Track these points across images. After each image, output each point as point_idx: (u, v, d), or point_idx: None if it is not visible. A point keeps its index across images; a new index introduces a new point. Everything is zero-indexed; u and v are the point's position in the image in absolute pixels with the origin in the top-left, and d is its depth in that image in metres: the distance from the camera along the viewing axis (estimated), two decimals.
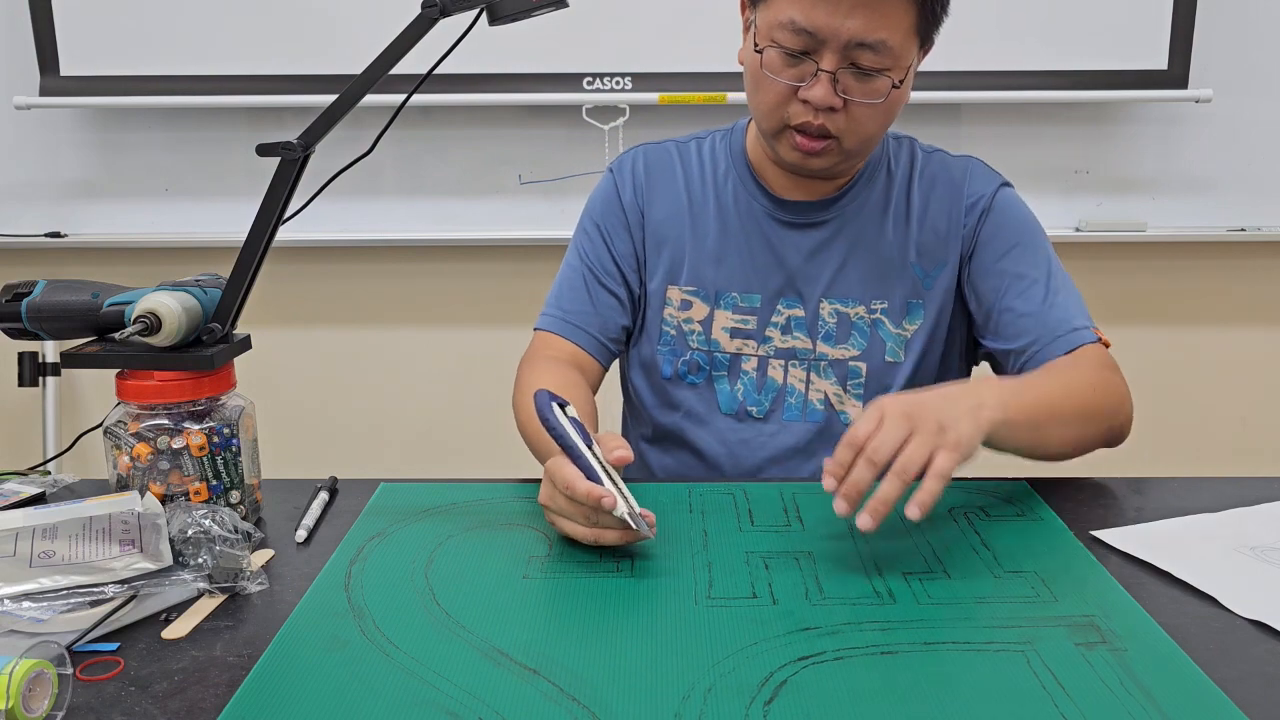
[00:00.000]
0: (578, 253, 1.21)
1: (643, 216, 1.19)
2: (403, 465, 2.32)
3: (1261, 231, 2.14)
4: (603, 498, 0.80)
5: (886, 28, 0.98)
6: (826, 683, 0.66)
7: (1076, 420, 0.98)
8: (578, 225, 1.24)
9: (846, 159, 1.07)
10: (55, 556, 0.77)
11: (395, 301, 2.26)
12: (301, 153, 0.86)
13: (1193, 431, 2.31)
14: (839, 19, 0.97)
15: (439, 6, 0.85)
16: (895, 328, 1.14)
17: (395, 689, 0.65)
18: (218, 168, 2.14)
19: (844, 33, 0.98)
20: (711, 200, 1.17)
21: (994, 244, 1.13)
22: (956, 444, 0.81)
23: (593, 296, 1.18)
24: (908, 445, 0.80)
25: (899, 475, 0.79)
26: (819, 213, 1.14)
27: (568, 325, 1.17)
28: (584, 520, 0.83)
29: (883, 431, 0.81)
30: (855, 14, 0.97)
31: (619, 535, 0.83)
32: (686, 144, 1.22)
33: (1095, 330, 1.08)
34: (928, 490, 0.78)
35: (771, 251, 1.15)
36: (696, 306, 1.17)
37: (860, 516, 0.79)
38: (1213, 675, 0.66)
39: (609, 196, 1.21)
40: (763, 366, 1.16)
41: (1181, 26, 2.00)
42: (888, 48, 0.99)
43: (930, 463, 0.79)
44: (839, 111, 1.02)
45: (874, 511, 0.79)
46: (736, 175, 1.17)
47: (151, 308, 0.84)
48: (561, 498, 0.83)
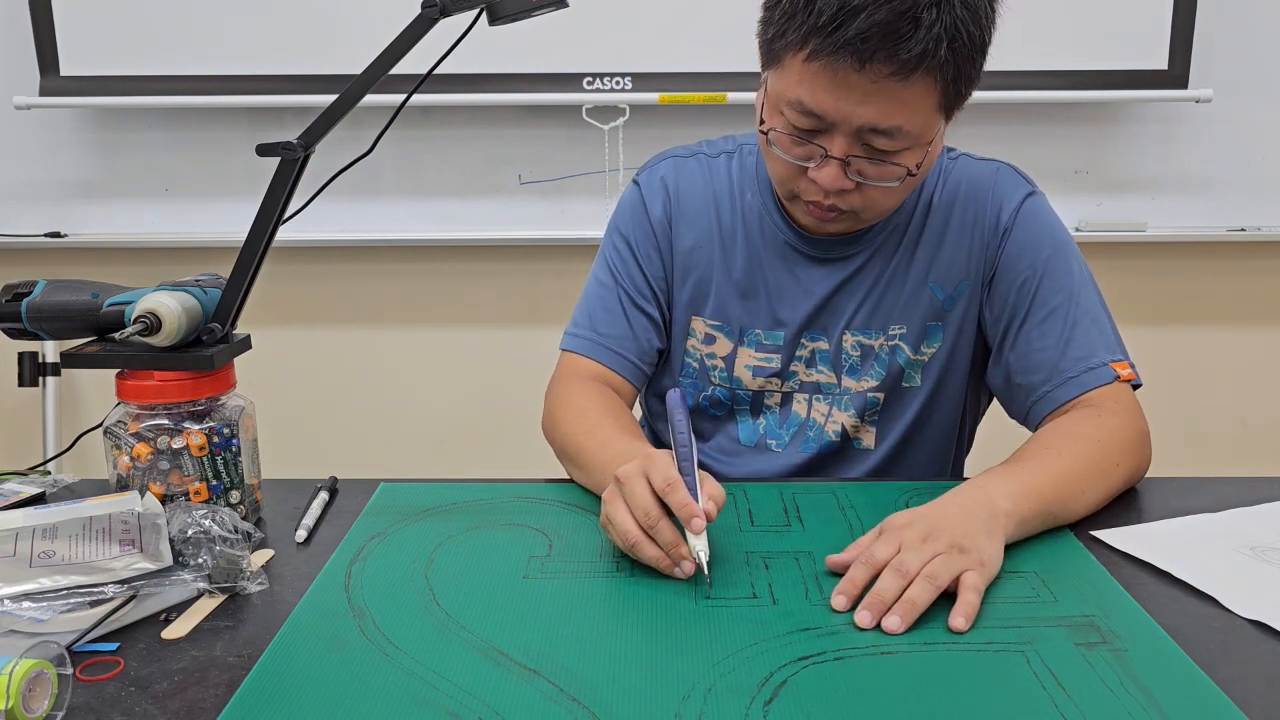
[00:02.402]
0: (609, 270, 1.15)
1: (671, 237, 1.13)
2: (403, 465, 2.32)
3: (1261, 231, 2.14)
4: (695, 516, 0.77)
5: (904, 114, 0.90)
6: (826, 683, 0.66)
7: (1093, 491, 0.92)
8: (605, 240, 1.18)
9: (866, 224, 1.04)
10: (55, 556, 0.77)
11: (395, 301, 2.26)
12: (301, 153, 0.86)
13: (1193, 431, 2.31)
14: (850, 105, 0.89)
15: (439, 6, 0.85)
16: (914, 353, 1.10)
17: (395, 689, 0.65)
18: (218, 168, 2.14)
19: (854, 119, 0.90)
20: (740, 229, 1.11)
21: (1014, 268, 1.06)
22: (981, 563, 0.77)
23: (630, 319, 1.13)
24: (933, 563, 0.75)
25: (930, 581, 0.74)
26: (846, 247, 1.08)
27: (604, 350, 1.12)
28: (644, 521, 0.79)
29: (906, 552, 0.77)
30: (869, 101, 0.89)
31: (657, 556, 0.79)
32: (716, 159, 1.14)
33: (1115, 365, 1.02)
34: (969, 602, 0.73)
35: (799, 286, 1.10)
36: (720, 342, 1.13)
37: (889, 618, 0.72)
38: (1213, 675, 0.66)
39: (637, 211, 1.15)
40: (787, 401, 1.13)
41: (1181, 26, 2.00)
42: (905, 132, 0.91)
43: (961, 581, 0.75)
44: (852, 191, 0.96)
45: (904, 613, 0.72)
46: (762, 203, 1.11)
47: (151, 308, 0.84)
48: (646, 489, 0.80)
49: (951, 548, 0.77)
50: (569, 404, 1.07)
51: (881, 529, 0.81)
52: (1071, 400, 1.02)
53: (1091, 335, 1.04)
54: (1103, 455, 0.94)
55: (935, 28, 0.86)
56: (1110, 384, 1.01)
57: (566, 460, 1.05)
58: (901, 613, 0.72)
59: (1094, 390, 1.01)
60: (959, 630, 0.72)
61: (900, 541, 0.78)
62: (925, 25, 0.86)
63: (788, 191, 1.01)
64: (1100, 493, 0.93)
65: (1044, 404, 1.04)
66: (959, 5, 0.87)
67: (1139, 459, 0.98)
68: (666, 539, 0.79)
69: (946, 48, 0.87)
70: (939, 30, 0.86)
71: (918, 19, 0.86)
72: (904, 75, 0.88)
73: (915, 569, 0.75)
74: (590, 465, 0.97)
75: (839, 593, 0.76)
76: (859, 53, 0.86)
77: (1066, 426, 0.98)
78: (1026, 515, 0.85)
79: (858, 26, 0.85)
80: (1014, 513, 0.84)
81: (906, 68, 0.87)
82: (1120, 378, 1.02)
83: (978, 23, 0.89)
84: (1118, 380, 1.01)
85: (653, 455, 0.82)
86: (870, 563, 0.77)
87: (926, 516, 0.81)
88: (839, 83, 0.89)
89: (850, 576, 0.77)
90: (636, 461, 0.82)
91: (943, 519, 0.80)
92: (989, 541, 0.80)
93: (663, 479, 0.79)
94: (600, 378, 1.11)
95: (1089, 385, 1.01)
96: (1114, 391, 1.01)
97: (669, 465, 0.81)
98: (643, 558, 0.80)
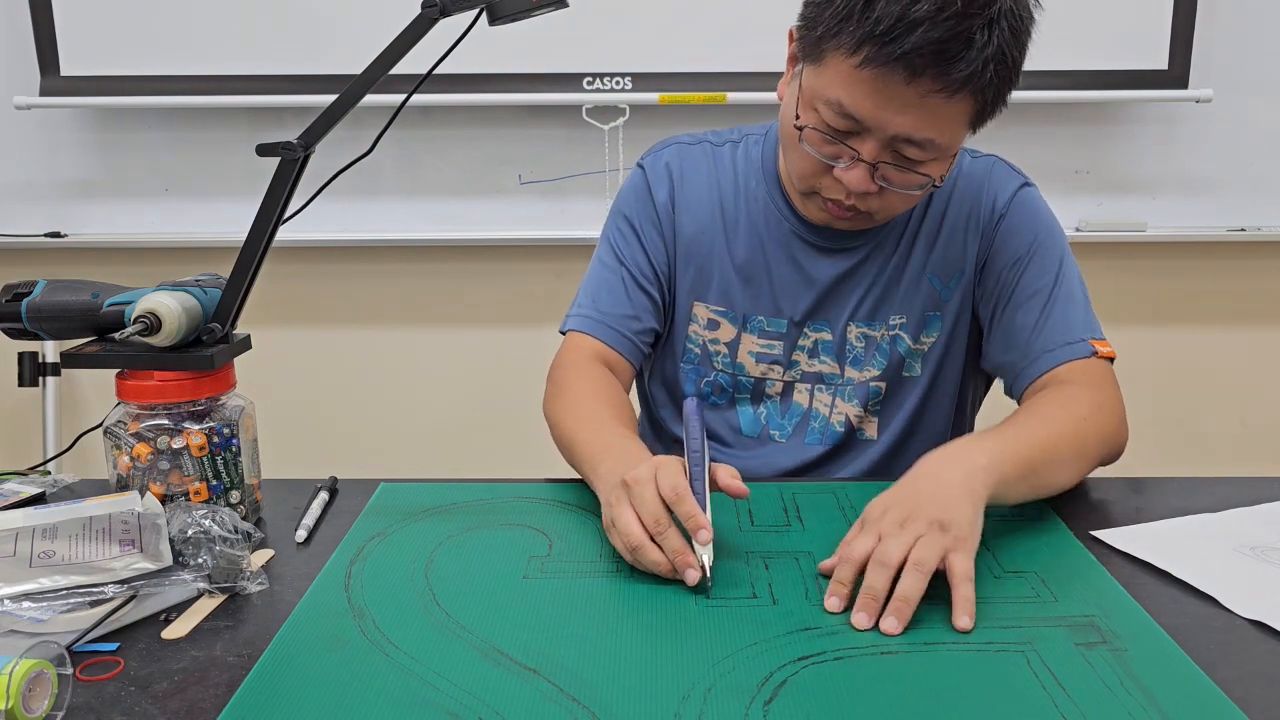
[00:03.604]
0: (613, 251, 1.16)
1: (674, 222, 1.14)
2: (403, 465, 2.32)
3: (1261, 231, 2.14)
4: (702, 529, 0.77)
5: (937, 127, 0.92)
6: (826, 683, 0.66)
7: (1072, 458, 0.93)
8: (609, 222, 1.18)
9: (876, 225, 1.05)
10: (55, 556, 0.77)
11: (395, 301, 2.26)
12: (301, 153, 0.86)
13: (1193, 431, 2.31)
14: (889, 114, 0.90)
15: (439, 6, 0.85)
16: (913, 343, 1.11)
17: (395, 689, 0.65)
18: (218, 168, 2.14)
19: (891, 127, 0.91)
20: (744, 216, 1.12)
21: (1004, 251, 1.08)
22: (963, 538, 0.76)
23: (631, 299, 1.13)
24: (916, 548, 0.75)
25: (918, 569, 0.74)
26: (850, 239, 1.10)
27: (607, 328, 1.12)
28: (652, 528, 0.79)
29: (886, 541, 0.76)
30: (908, 111, 0.90)
31: (660, 562, 0.78)
32: (721, 147, 1.16)
33: (1094, 343, 1.03)
34: (964, 596, 0.73)
35: (802, 275, 1.11)
36: (724, 328, 1.14)
37: (885, 619, 0.72)
38: (1213, 675, 0.66)
39: (641, 194, 1.16)
40: (789, 391, 1.14)
41: (1181, 26, 2.00)
42: (936, 145, 0.93)
43: (948, 567, 0.75)
44: (873, 194, 0.97)
45: (899, 612, 0.72)
46: (767, 191, 1.12)
47: (151, 308, 0.84)
48: (655, 495, 0.79)
49: (931, 525, 0.77)
50: (568, 387, 1.08)
51: (862, 521, 0.81)
52: (1049, 371, 1.03)
53: (1070, 315, 1.05)
54: (1081, 422, 0.95)
55: (986, 50, 0.87)
56: (1087, 359, 1.03)
57: (560, 443, 1.05)
58: (897, 613, 0.72)
59: (1071, 363, 1.02)
60: (964, 629, 0.72)
61: (880, 531, 0.78)
62: (977, 46, 0.87)
63: (808, 187, 1.02)
64: (1079, 464, 0.95)
65: (1023, 378, 1.06)
66: (1007, 29, 0.89)
67: (1115, 428, 0.99)
68: (674, 546, 0.78)
69: (993, 71, 0.89)
70: (989, 53, 0.88)
71: (970, 39, 0.87)
72: (949, 93, 0.89)
73: (898, 558, 0.75)
74: (581, 455, 0.97)
75: (830, 595, 0.76)
76: (912, 67, 0.87)
77: (1043, 401, 0.99)
78: (1008, 473, 0.84)
79: (914, 41, 0.86)
80: (992, 467, 0.83)
81: (953, 86, 0.88)
82: (1099, 353, 1.03)
83: (1019, 45, 0.91)
84: (1095, 356, 1.03)
85: (663, 461, 0.82)
86: (853, 560, 0.77)
87: (901, 498, 0.80)
88: (884, 92, 0.90)
89: (838, 577, 0.77)
90: (646, 466, 0.82)
91: (917, 496, 0.80)
92: (969, 506, 0.79)
93: (671, 488, 0.79)
94: (601, 356, 1.12)
95: (1065, 359, 1.03)
96: (1090, 366, 1.02)
97: (678, 473, 0.80)
98: (644, 561, 0.79)
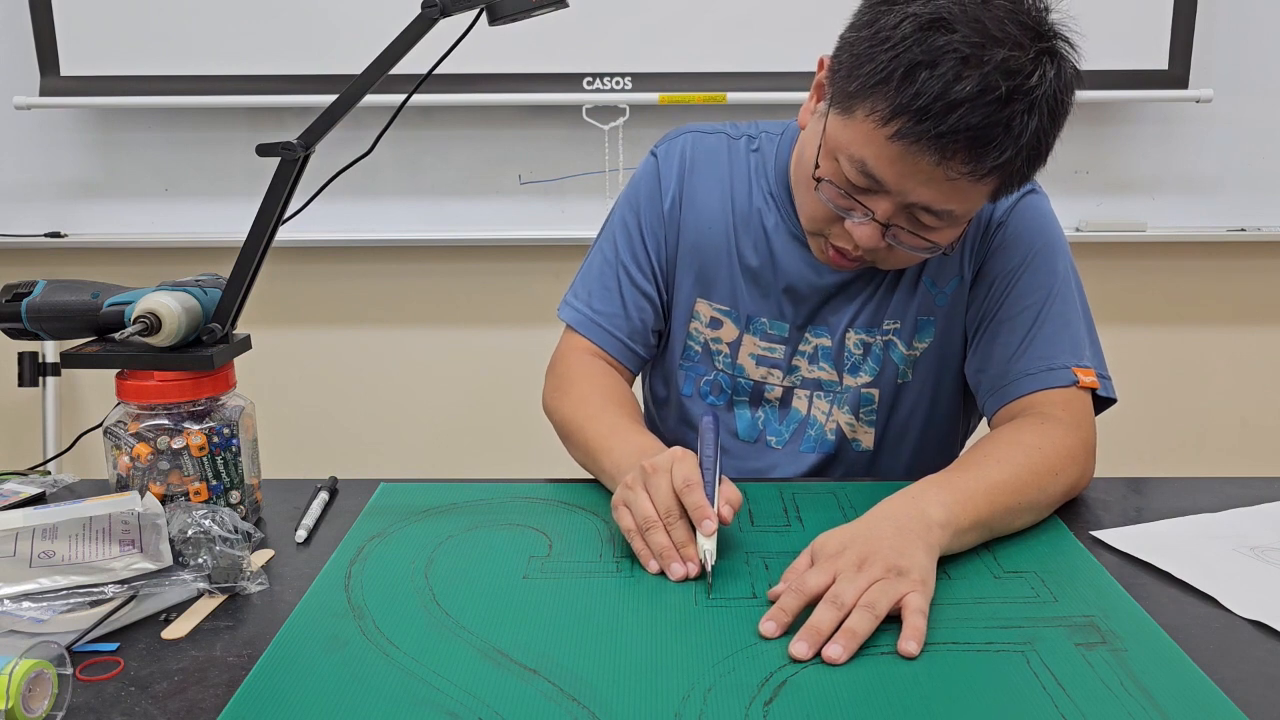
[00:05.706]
0: (614, 243, 1.14)
1: (681, 214, 1.11)
2: (403, 465, 2.32)
3: (1261, 231, 2.14)
4: (707, 519, 0.79)
5: (959, 200, 0.89)
6: (826, 683, 0.66)
7: (1029, 507, 0.88)
8: (616, 209, 1.16)
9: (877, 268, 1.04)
10: (55, 556, 0.77)
11: (395, 301, 2.26)
12: (301, 153, 0.86)
13: (1193, 431, 2.31)
14: (913, 184, 0.87)
15: (439, 6, 0.85)
16: (906, 348, 1.09)
17: (395, 689, 0.65)
18: (218, 168, 2.14)
19: (912, 196, 0.89)
20: (753, 215, 1.10)
21: (999, 261, 1.05)
22: (919, 582, 0.73)
23: (625, 297, 1.12)
24: (870, 591, 0.72)
25: (869, 610, 0.71)
26: None
27: (597, 328, 1.12)
28: (664, 516, 0.81)
29: (842, 582, 0.73)
30: (932, 185, 0.87)
31: (665, 546, 0.80)
32: (738, 140, 1.12)
33: (1077, 370, 0.99)
34: (916, 626, 0.70)
35: (806, 281, 1.08)
36: (726, 327, 1.12)
37: (831, 647, 0.69)
38: (1213, 675, 0.66)
39: (650, 185, 1.13)
40: (788, 397, 1.13)
41: (1181, 26, 2.00)
42: (953, 215, 0.91)
43: (903, 604, 0.72)
44: (881, 249, 0.95)
45: (846, 645, 0.69)
46: (779, 193, 1.09)
47: (151, 308, 0.84)
48: (670, 484, 0.81)
49: (889, 571, 0.73)
50: (572, 384, 1.08)
51: (813, 554, 0.78)
52: (1023, 397, 0.99)
53: (1058, 337, 1.01)
54: (1044, 466, 0.90)
55: (1022, 137, 0.84)
56: (1065, 388, 0.98)
57: (567, 440, 1.06)
58: (843, 642, 0.69)
59: (1046, 391, 0.98)
60: (910, 655, 0.69)
61: (835, 570, 0.74)
62: (1014, 133, 0.83)
63: (816, 229, 1.00)
64: (1039, 505, 0.90)
65: (997, 399, 1.02)
66: (1046, 113, 0.85)
67: (1080, 471, 0.95)
68: (679, 536, 0.81)
69: (1024, 157, 0.86)
70: (1025, 140, 0.84)
71: (1009, 125, 0.83)
72: (977, 177, 0.86)
73: (851, 600, 0.71)
74: (592, 445, 0.99)
75: (769, 619, 0.72)
76: (944, 151, 0.84)
77: (1009, 434, 0.94)
78: (963, 525, 0.82)
79: (951, 124, 0.82)
80: (949, 523, 0.81)
81: (981, 170, 0.86)
82: (1080, 383, 0.98)
83: (1056, 128, 0.87)
84: (1075, 386, 0.98)
85: (680, 454, 0.84)
86: (803, 591, 0.73)
87: (859, 539, 0.77)
88: (911, 164, 0.86)
89: (782, 605, 0.73)
90: (665, 456, 0.84)
91: (876, 540, 0.76)
92: (924, 556, 0.76)
93: (683, 478, 0.81)
94: (598, 355, 1.12)
95: (1041, 385, 0.99)
96: (1066, 397, 0.98)
97: (693, 466, 0.82)
98: (650, 542, 0.81)
